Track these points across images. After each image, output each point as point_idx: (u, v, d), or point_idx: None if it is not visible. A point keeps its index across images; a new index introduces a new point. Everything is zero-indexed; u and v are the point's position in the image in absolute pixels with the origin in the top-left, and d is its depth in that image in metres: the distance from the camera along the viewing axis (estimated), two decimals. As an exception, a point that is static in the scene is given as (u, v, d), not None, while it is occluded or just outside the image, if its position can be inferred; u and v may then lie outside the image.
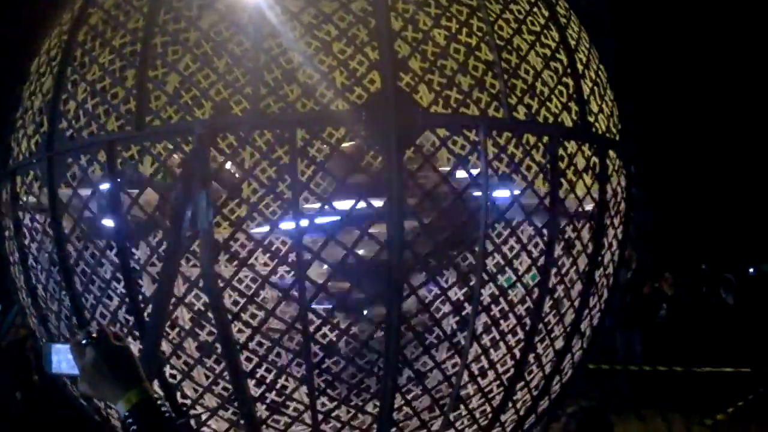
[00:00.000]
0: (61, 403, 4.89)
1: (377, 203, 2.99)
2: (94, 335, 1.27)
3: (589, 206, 3.72)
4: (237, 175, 3.98)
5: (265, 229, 4.28)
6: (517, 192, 3.49)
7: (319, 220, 3.27)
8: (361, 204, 3.02)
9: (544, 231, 3.52)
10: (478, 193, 3.28)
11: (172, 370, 5.02)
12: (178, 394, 4.00)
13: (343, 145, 3.92)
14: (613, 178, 3.92)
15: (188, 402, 4.26)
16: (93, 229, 3.59)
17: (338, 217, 3.23)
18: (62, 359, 1.28)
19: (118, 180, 3.28)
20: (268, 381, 5.31)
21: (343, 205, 3.21)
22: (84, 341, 1.26)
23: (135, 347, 4.36)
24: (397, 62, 3.24)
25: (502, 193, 3.54)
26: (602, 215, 3.69)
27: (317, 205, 3.83)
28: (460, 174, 3.55)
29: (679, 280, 10.60)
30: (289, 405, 5.28)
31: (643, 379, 8.02)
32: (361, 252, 3.31)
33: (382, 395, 3.20)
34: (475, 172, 3.20)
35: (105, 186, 3.33)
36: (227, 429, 3.57)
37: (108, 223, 3.46)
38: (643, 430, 6.51)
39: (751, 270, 16.51)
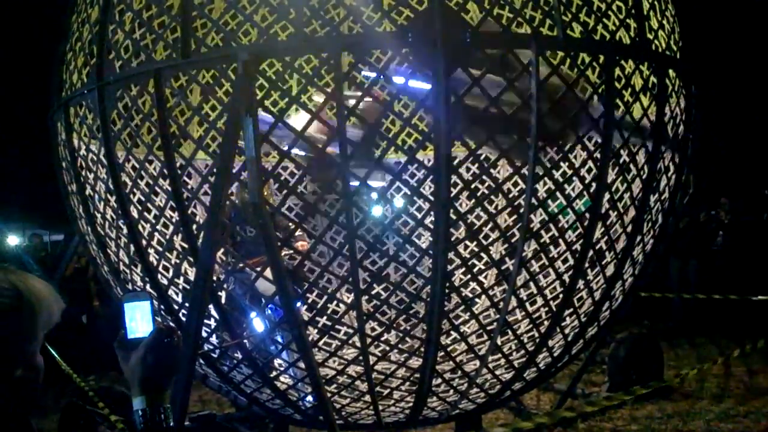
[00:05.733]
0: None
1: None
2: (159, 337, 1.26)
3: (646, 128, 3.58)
4: None
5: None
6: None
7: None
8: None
9: (597, 155, 3.42)
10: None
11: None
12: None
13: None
14: (672, 99, 3.75)
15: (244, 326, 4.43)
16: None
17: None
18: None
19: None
20: (318, 306, 5.47)
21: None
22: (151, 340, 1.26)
23: (191, 273, 4.52)
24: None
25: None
26: (659, 138, 3.55)
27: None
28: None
29: (738, 206, 10.25)
30: (339, 329, 5.44)
31: (697, 307, 7.92)
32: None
33: (429, 320, 3.23)
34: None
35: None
36: (280, 351, 3.70)
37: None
38: (695, 357, 6.46)
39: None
